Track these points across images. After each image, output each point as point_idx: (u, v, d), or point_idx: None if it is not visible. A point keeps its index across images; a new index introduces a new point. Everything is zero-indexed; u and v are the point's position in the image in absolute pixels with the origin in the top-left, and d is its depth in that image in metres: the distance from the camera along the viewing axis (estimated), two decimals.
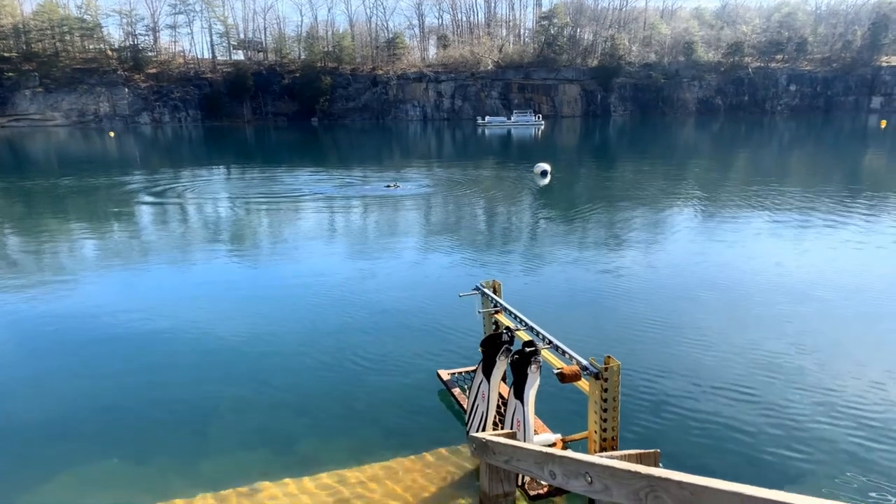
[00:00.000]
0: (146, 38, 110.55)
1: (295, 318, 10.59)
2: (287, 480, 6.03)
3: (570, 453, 3.15)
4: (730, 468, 6.19)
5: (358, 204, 23.39)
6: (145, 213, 22.57)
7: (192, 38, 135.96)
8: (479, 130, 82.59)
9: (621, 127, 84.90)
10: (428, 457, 6.37)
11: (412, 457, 6.42)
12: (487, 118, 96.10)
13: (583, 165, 40.24)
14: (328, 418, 7.32)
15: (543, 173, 29.97)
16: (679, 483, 2.20)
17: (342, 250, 16.15)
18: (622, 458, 3.72)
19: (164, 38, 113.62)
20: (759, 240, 16.41)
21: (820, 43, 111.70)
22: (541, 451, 3.38)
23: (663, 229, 18.27)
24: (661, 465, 4.73)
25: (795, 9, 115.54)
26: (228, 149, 58.76)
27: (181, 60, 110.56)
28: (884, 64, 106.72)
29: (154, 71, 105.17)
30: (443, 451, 6.34)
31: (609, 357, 5.07)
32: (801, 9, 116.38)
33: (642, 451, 3.91)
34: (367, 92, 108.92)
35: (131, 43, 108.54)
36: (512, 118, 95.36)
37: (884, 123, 72.32)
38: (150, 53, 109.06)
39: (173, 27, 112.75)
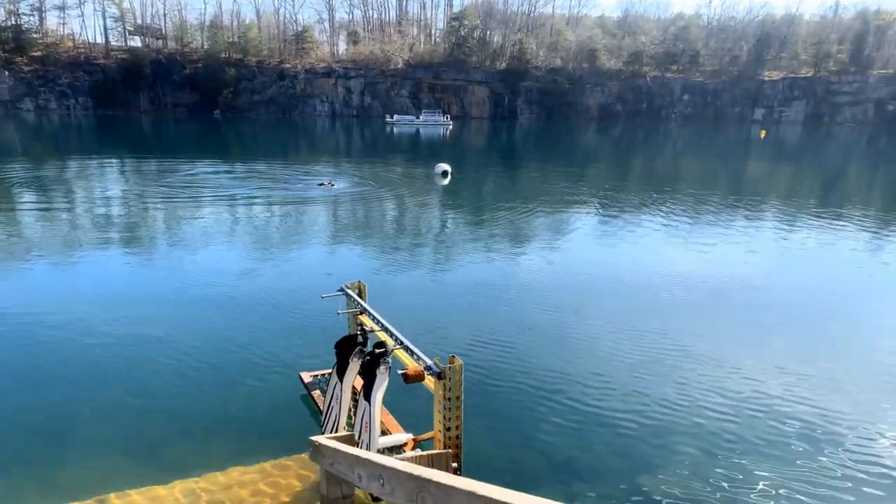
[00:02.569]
0: (31, 18, 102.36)
1: (169, 319, 10.19)
2: (138, 490, 5.81)
3: (372, 456, 3.18)
4: (592, 464, 6.47)
5: (260, 204, 22.69)
6: (19, 207, 20.94)
7: (84, 21, 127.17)
8: (388, 129, 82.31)
9: (527, 130, 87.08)
10: (285, 462, 6.27)
11: (270, 462, 6.32)
12: (396, 117, 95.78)
13: (486, 166, 40.94)
14: (196, 423, 7.14)
15: (444, 174, 30.21)
16: (437, 484, 2.27)
17: (223, 251, 15.62)
18: (415, 459, 3.79)
19: (52, 20, 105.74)
20: (641, 242, 17.30)
21: (711, 56, 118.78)
22: (352, 455, 3.39)
23: (550, 231, 18.91)
24: (455, 465, 4.86)
25: (689, 23, 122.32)
26: (122, 140, 55.49)
27: (70, 44, 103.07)
28: (766, 78, 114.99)
29: (39, 54, 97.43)
30: (299, 456, 6.25)
31: (453, 357, 5.16)
32: (695, 23, 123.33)
33: (435, 452, 4.00)
34: (274, 85, 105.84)
35: (13, 23, 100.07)
36: (420, 117, 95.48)
37: (763, 133, 78.02)
38: (34, 35, 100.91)
39: (62, 8, 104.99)
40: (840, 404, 7.71)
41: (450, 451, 4.19)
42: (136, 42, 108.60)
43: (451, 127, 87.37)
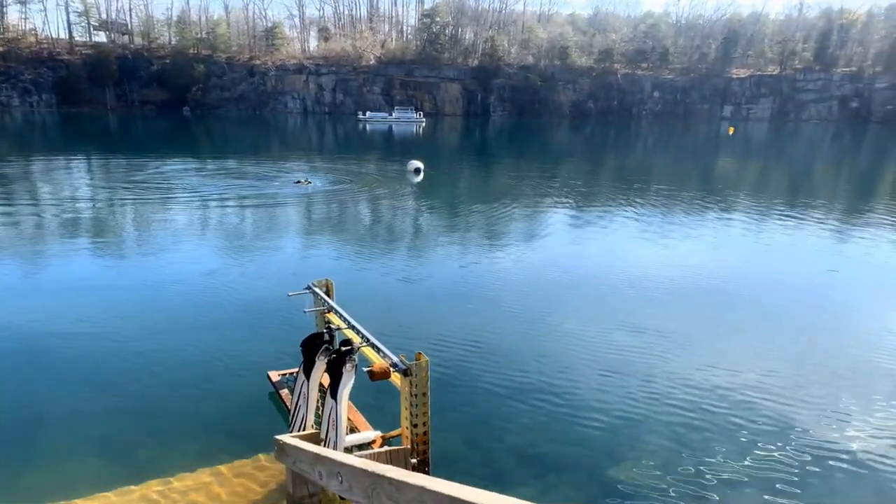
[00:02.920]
0: None
1: (136, 319, 10.03)
2: (107, 493, 5.73)
3: (330, 453, 3.17)
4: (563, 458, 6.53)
5: (232, 203, 22.37)
6: None
7: (46, 15, 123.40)
8: (360, 126, 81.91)
9: (500, 127, 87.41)
10: (252, 462, 6.22)
11: (240, 461, 6.27)
12: (368, 114, 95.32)
13: (459, 164, 41.00)
14: (165, 424, 7.06)
15: (416, 171, 30.19)
16: (389, 479, 2.28)
17: (191, 250, 15.38)
18: (372, 456, 3.80)
19: (13, 15, 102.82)
20: (611, 239, 17.50)
21: (680, 53, 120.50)
22: (312, 453, 3.37)
23: (521, 229, 19.01)
24: (414, 461, 4.87)
25: (659, 20, 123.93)
26: (88, 137, 54.29)
27: (33, 39, 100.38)
28: (734, 76, 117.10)
29: (0, 49, 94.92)
30: (268, 455, 6.20)
31: (419, 354, 5.17)
32: (664, 21, 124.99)
33: (393, 448, 4.01)
34: (244, 82, 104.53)
35: None
36: (393, 114, 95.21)
37: (731, 130, 79.42)
38: None
39: (23, 2, 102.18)
40: (808, 397, 7.91)
41: (408, 447, 4.20)
42: (101, 37, 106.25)
43: (423, 124, 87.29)
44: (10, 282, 12.16)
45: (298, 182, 25.57)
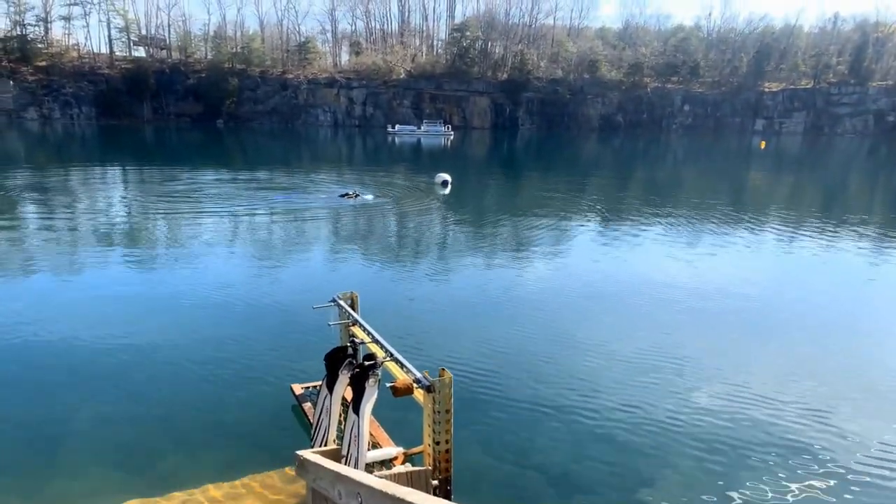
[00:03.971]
0: (36, 28, 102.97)
1: (163, 329, 10.14)
2: (130, 502, 5.75)
3: (351, 472, 3.12)
4: (588, 480, 6.40)
5: (264, 213, 22.65)
6: (18, 215, 20.97)
7: (88, 31, 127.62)
8: (389, 139, 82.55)
9: (528, 140, 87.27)
10: (273, 476, 6.21)
11: (258, 475, 6.26)
12: (398, 127, 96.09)
13: (487, 176, 40.99)
14: (188, 434, 7.09)
15: (444, 183, 30.23)
16: None
17: (220, 262, 15.50)
18: (393, 477, 3.74)
19: (57, 30, 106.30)
20: (640, 254, 17.24)
21: (710, 67, 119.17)
22: (332, 471, 3.34)
23: (549, 243, 18.85)
24: (435, 483, 4.78)
25: (689, 34, 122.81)
26: (125, 149, 55.62)
27: (75, 54, 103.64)
28: (766, 90, 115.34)
29: (44, 64, 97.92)
30: (285, 469, 6.19)
31: (443, 370, 5.11)
32: (695, 35, 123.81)
33: (414, 469, 3.95)
34: (277, 95, 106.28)
35: (19, 33, 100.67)
36: (422, 128, 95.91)
37: (763, 144, 78.15)
38: (39, 45, 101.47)
39: (67, 19, 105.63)
40: (839, 417, 7.64)
41: (429, 468, 4.13)
42: (140, 52, 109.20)
43: (452, 137, 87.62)
44: (40, 290, 12.42)
45: (345, 195, 25.09)
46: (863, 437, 7.23)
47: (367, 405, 5.23)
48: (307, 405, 7.18)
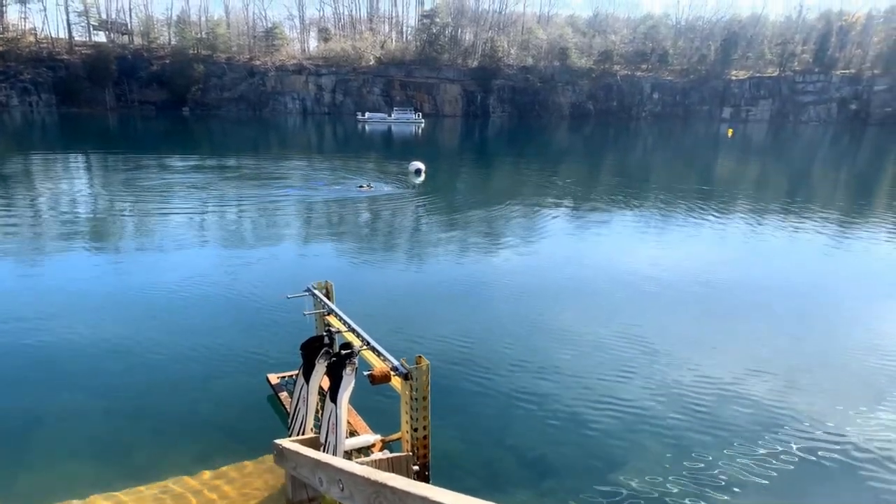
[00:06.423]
0: None
1: (135, 320, 10.00)
2: (104, 494, 5.70)
3: (331, 460, 3.14)
4: (560, 465, 6.51)
5: (234, 205, 22.36)
6: None
7: (46, 15, 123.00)
8: (360, 126, 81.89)
9: (500, 128, 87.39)
10: (250, 465, 6.19)
11: (235, 465, 6.23)
12: (368, 114, 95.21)
13: (460, 164, 40.98)
14: (163, 426, 7.03)
15: (417, 172, 30.15)
16: (392, 488, 2.25)
17: (191, 253, 15.30)
18: (375, 463, 3.77)
19: (13, 14, 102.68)
20: (612, 240, 17.49)
21: (679, 55, 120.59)
22: (312, 459, 3.35)
23: (522, 230, 18.98)
24: (416, 468, 4.84)
25: (658, 22, 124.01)
26: (88, 137, 54.20)
27: (32, 39, 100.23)
28: (733, 77, 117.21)
29: None
30: (267, 458, 6.18)
31: (420, 357, 5.15)
32: (664, 23, 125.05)
33: (395, 455, 3.99)
34: (244, 82, 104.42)
35: None
36: (392, 115, 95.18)
37: (730, 132, 79.45)
38: None
39: (23, 2, 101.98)
40: (807, 398, 7.88)
41: (410, 454, 4.17)
42: (100, 37, 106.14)
43: (422, 125, 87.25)
44: (6, 282, 12.12)
45: (361, 187, 25.88)
46: (828, 416, 7.49)
47: (345, 393, 5.24)
48: (283, 395, 7.17)
